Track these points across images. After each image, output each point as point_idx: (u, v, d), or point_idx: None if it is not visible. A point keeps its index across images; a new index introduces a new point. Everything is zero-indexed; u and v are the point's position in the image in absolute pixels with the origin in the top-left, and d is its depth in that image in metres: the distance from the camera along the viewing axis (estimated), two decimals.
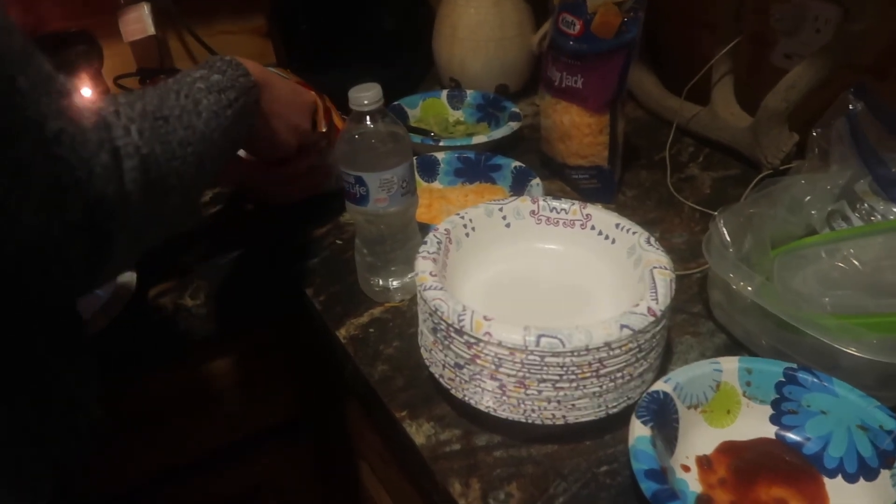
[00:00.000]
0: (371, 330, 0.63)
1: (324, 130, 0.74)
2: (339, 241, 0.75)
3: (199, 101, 0.51)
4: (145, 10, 1.00)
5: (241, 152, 0.70)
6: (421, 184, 0.82)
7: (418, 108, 0.97)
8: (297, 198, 0.78)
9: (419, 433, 0.53)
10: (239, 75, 0.57)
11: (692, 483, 0.48)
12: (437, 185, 0.82)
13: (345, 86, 0.79)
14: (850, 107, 0.66)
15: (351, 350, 0.61)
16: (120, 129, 0.40)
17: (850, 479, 0.48)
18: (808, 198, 0.64)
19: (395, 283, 0.66)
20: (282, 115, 0.66)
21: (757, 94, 0.80)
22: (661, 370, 0.55)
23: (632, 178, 0.84)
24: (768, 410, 0.51)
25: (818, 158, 0.67)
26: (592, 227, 0.59)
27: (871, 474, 0.47)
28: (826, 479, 0.48)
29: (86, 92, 0.87)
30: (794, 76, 0.75)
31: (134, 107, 0.43)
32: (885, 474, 0.46)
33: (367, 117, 0.58)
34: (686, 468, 0.48)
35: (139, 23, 1.00)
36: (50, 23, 0.97)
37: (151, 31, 1.00)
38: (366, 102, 0.57)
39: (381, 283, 0.66)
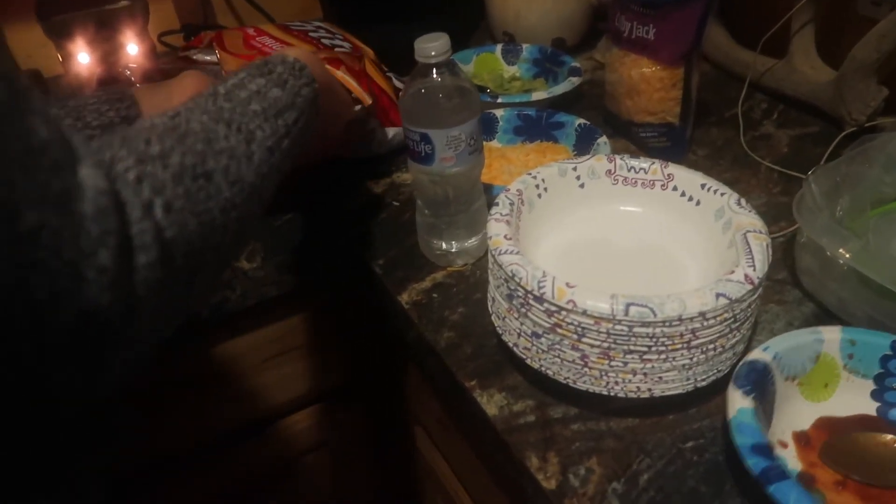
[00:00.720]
0: (434, 295, 0.61)
1: (370, 103, 0.70)
2: (395, 203, 0.72)
3: (252, 136, 0.41)
4: None
5: None
6: None
7: (472, 64, 0.93)
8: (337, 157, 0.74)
9: (490, 404, 0.51)
10: (302, 85, 0.49)
11: (791, 460, 0.44)
12: (495, 143, 0.79)
13: (392, 40, 0.75)
14: None
15: (414, 316, 0.59)
16: (138, 209, 0.30)
17: None
18: None
19: (458, 246, 0.63)
20: (336, 114, 0.59)
21: (840, 47, 0.74)
22: (749, 342, 0.51)
23: (702, 136, 0.80)
24: (870, 385, 0.48)
25: None
26: (675, 188, 0.55)
27: None
28: None
29: (132, 49, 0.85)
30: (886, 25, 0.69)
31: (168, 162, 0.33)
32: None
33: (434, 70, 0.55)
34: (783, 444, 0.45)
35: None
36: None
37: None
38: (433, 54, 0.53)
39: (443, 246, 0.63)
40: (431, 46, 0.53)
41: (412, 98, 0.56)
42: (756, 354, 0.46)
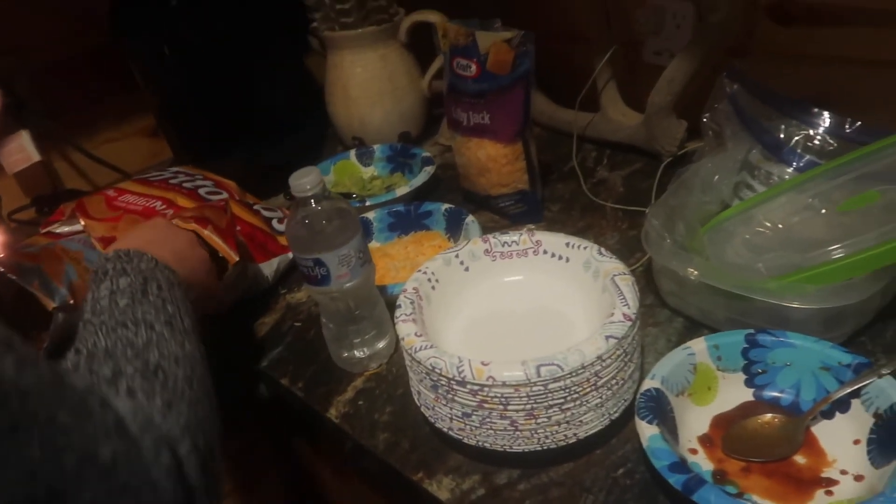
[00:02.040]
0: (360, 402, 0.64)
1: (236, 260, 0.72)
2: (297, 324, 0.75)
3: (146, 321, 0.47)
4: (25, 136, 0.96)
5: None
6: None
7: (331, 174, 0.99)
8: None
9: (441, 489, 0.55)
10: (138, 261, 0.54)
11: (703, 463, 0.52)
12: (374, 244, 0.84)
13: (249, 166, 0.79)
14: (728, 89, 0.74)
15: (347, 427, 0.62)
16: (157, 413, 0.38)
17: (828, 416, 0.53)
18: (716, 177, 0.71)
19: (369, 351, 0.67)
20: (197, 279, 0.63)
21: (639, 93, 0.88)
22: (642, 367, 0.59)
23: (551, 193, 0.90)
24: (742, 377, 0.56)
25: (713, 140, 0.75)
26: (545, 251, 0.63)
27: (844, 406, 0.53)
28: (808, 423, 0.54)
29: None
30: (670, 71, 0.83)
31: (133, 376, 0.40)
32: (856, 403, 0.52)
33: (312, 200, 0.59)
34: (693, 451, 0.53)
35: (21, 152, 0.96)
36: None
37: (36, 157, 0.96)
38: (308, 188, 0.58)
39: (356, 354, 0.67)
40: (305, 181, 0.58)
41: (298, 229, 0.60)
42: (647, 384, 0.53)
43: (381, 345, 0.67)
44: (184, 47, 0.94)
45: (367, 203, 0.87)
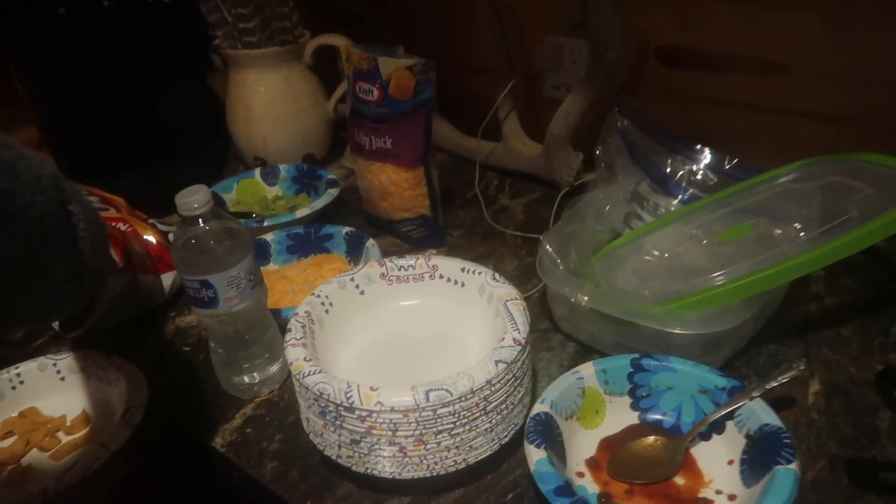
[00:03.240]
0: (249, 430, 0.62)
1: (120, 266, 0.70)
2: (186, 348, 0.72)
3: None
4: None
5: None
6: None
7: (234, 192, 0.96)
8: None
9: None
10: None
11: (590, 486, 0.53)
12: (272, 266, 0.82)
13: (142, 185, 0.75)
14: (619, 124, 0.78)
15: (233, 456, 0.59)
16: None
17: (705, 437, 0.56)
18: (608, 206, 0.74)
19: (260, 376, 0.64)
20: None
21: (539, 124, 0.90)
22: (534, 391, 0.60)
23: (453, 219, 0.90)
24: (628, 400, 0.58)
25: (606, 171, 0.78)
26: (441, 276, 0.63)
27: (719, 428, 0.55)
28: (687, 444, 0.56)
29: None
30: (567, 105, 0.86)
31: None
32: (730, 425, 0.54)
33: (200, 220, 0.57)
34: (580, 474, 0.53)
35: None
36: None
37: None
38: (196, 206, 0.56)
39: (245, 379, 0.64)
40: (193, 200, 0.56)
41: (185, 249, 0.58)
42: (537, 408, 0.54)
43: (272, 369, 0.65)
44: (73, 59, 0.90)
45: (266, 223, 0.85)
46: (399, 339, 0.61)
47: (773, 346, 0.65)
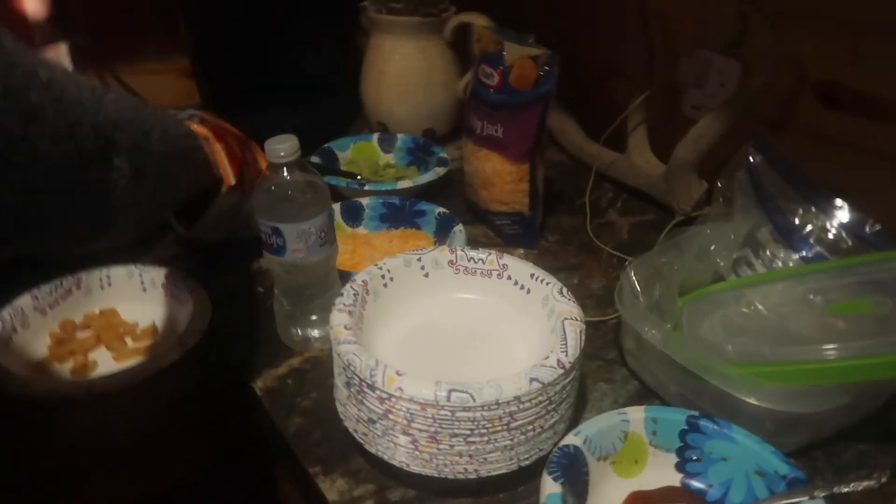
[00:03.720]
0: (288, 381, 0.62)
1: (232, 184, 0.72)
2: (260, 289, 0.74)
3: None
4: (63, 49, 0.97)
5: None
6: (346, 229, 0.81)
7: (349, 151, 0.98)
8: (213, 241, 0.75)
9: (332, 489, 0.53)
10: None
11: None
12: (361, 230, 0.82)
13: (272, 128, 0.77)
14: (751, 158, 0.70)
15: (267, 403, 0.60)
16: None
17: None
18: (714, 246, 0.67)
19: (315, 332, 0.65)
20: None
21: (669, 143, 0.84)
22: (574, 419, 0.56)
23: (554, 223, 0.86)
24: (674, 458, 0.53)
25: (722, 207, 0.70)
26: (509, 277, 0.60)
27: None
28: None
29: None
30: (701, 127, 0.79)
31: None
32: None
33: (284, 168, 0.58)
34: None
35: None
36: None
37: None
38: (282, 154, 0.57)
39: (300, 332, 0.65)
40: (280, 147, 0.57)
41: (264, 194, 0.59)
42: (568, 439, 0.50)
43: (326, 328, 0.65)
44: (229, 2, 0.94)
45: (367, 187, 0.85)
46: (448, 332, 0.59)
47: (864, 446, 0.56)
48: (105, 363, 0.65)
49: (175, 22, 0.99)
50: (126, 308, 0.70)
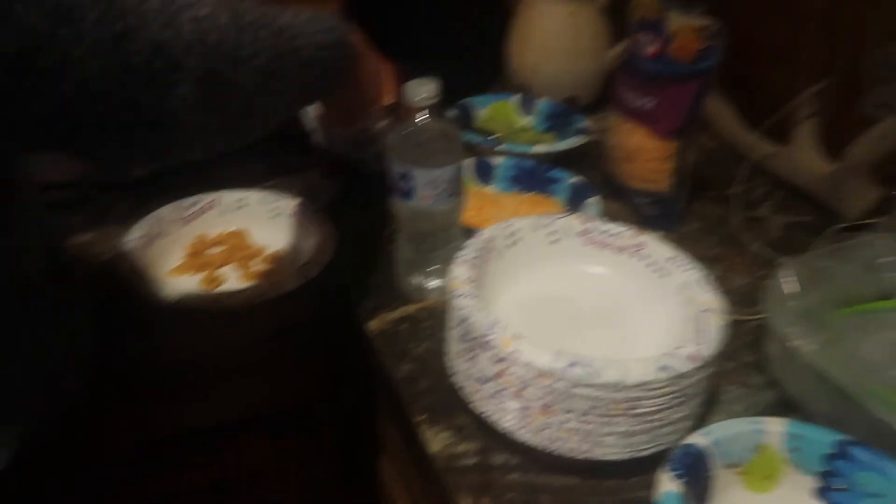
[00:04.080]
0: (402, 326, 0.61)
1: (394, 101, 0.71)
2: (384, 233, 0.73)
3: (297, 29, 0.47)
4: None
5: None
6: (475, 187, 0.79)
7: (487, 109, 0.95)
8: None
9: (436, 440, 0.51)
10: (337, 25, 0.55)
11: None
12: (491, 189, 0.80)
13: (418, 76, 0.76)
14: None
15: (379, 344, 0.60)
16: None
17: None
18: (882, 259, 0.59)
19: (432, 282, 0.64)
20: (366, 89, 0.63)
21: (840, 141, 0.75)
22: (702, 419, 0.51)
23: (698, 209, 0.80)
24: (814, 483, 0.47)
25: None
26: (645, 257, 0.56)
27: None
28: None
29: None
30: (885, 127, 0.70)
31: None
32: None
33: (422, 113, 0.56)
34: None
35: None
36: None
37: None
38: (420, 98, 0.55)
39: (418, 280, 0.64)
40: (420, 90, 0.55)
41: (398, 137, 0.57)
42: (695, 438, 0.46)
43: (445, 280, 0.63)
44: None
45: (504, 147, 0.82)
46: (570, 304, 0.56)
47: None
48: (231, 281, 0.67)
49: None
50: (256, 231, 0.72)
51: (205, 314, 0.61)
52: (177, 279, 0.67)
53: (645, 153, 0.73)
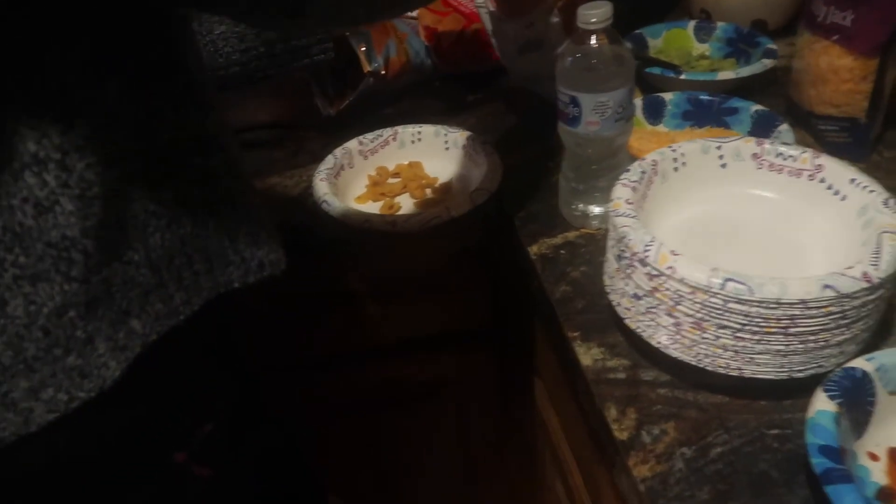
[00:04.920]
0: (562, 251, 0.64)
1: None
2: (549, 164, 0.76)
3: None
4: None
5: None
6: (646, 125, 0.78)
7: (661, 39, 0.92)
8: None
9: (587, 355, 0.54)
10: None
11: (876, 473, 0.43)
12: (663, 128, 0.78)
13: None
14: None
15: (539, 267, 0.63)
16: None
17: None
18: None
19: (595, 209, 0.65)
20: None
21: None
22: (872, 345, 0.49)
23: (895, 137, 0.73)
24: None
25: None
26: (822, 180, 0.53)
27: None
28: None
29: None
30: None
31: None
32: None
33: (593, 36, 0.57)
34: (874, 456, 0.44)
35: None
36: None
37: None
38: (593, 20, 0.56)
39: (581, 207, 0.66)
40: (593, 13, 0.56)
41: (568, 61, 0.59)
42: (858, 362, 0.44)
43: (607, 207, 0.65)
44: None
45: (683, 77, 0.80)
46: (739, 228, 0.55)
47: None
48: (407, 207, 0.74)
49: None
50: (430, 163, 0.78)
51: (384, 236, 0.69)
52: (361, 206, 0.75)
53: (837, 74, 0.68)
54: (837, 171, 0.53)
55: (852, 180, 0.51)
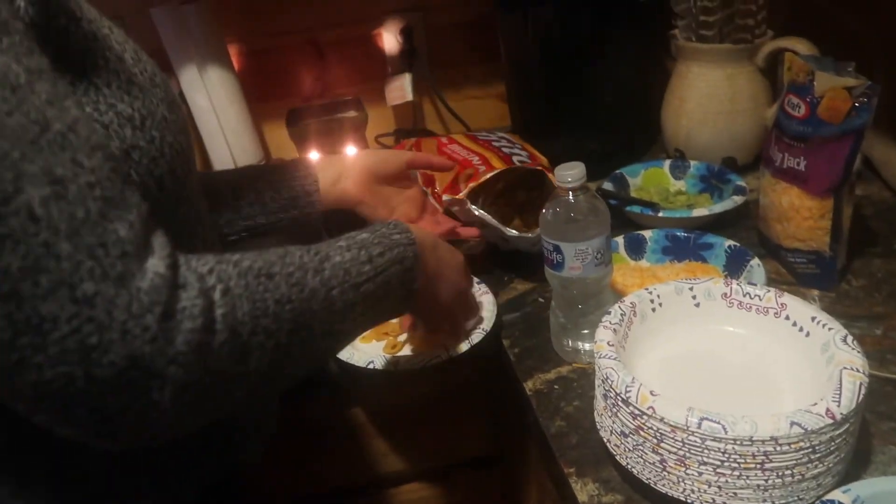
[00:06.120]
0: (556, 387, 0.68)
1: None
2: (541, 300, 0.81)
3: (327, 258, 0.48)
4: (407, 79, 1.17)
5: None
6: (628, 261, 0.84)
7: (639, 178, 1.00)
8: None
9: (583, 491, 0.57)
10: (394, 233, 0.55)
11: None
12: (645, 262, 0.84)
13: (572, 151, 0.84)
14: None
15: (534, 402, 0.67)
16: (194, 290, 0.38)
17: None
18: None
19: (585, 345, 0.70)
20: (445, 277, 0.62)
21: None
22: (849, 476, 0.52)
23: (862, 266, 0.78)
24: None
25: None
26: (787, 318, 0.58)
27: None
28: None
29: (350, 150, 1.05)
30: None
31: (239, 265, 0.42)
32: None
33: (570, 193, 0.64)
34: None
35: (401, 90, 1.17)
36: (332, 90, 1.18)
37: (410, 97, 1.16)
38: (569, 180, 0.63)
39: (571, 343, 0.70)
40: (568, 174, 0.63)
41: (549, 214, 0.65)
42: (835, 495, 0.47)
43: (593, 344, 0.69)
44: (546, 35, 1.03)
45: (661, 214, 0.87)
46: (713, 364, 0.59)
47: None
48: (407, 346, 0.78)
49: (496, 53, 1.12)
50: None
51: (390, 373, 0.73)
52: (365, 345, 0.79)
53: (799, 212, 0.74)
54: (799, 309, 0.57)
55: (813, 318, 0.56)
